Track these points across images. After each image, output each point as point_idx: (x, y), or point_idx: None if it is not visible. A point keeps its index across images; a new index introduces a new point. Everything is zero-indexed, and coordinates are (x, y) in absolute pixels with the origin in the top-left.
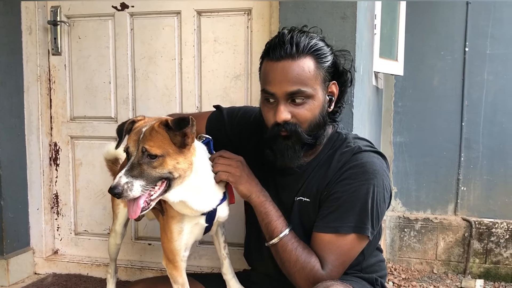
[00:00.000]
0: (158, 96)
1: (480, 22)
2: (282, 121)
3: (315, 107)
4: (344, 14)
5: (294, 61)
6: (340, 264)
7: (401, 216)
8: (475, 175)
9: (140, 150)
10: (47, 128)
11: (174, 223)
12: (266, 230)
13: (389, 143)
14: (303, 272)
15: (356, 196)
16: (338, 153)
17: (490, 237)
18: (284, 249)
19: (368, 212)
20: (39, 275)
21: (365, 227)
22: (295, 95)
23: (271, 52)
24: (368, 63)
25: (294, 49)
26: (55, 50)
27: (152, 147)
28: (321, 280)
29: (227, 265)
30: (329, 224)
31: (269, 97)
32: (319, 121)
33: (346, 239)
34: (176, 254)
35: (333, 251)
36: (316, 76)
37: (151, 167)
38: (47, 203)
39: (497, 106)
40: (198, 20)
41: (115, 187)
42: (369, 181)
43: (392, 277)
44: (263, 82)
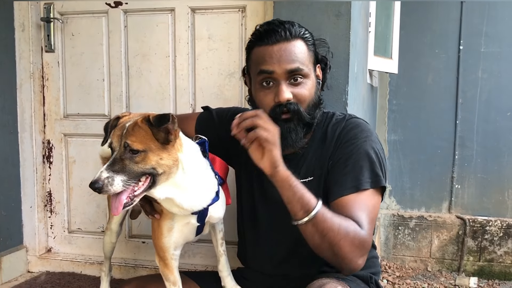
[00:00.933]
0: (152, 93)
1: (475, 20)
2: (286, 100)
3: (311, 86)
4: (338, 11)
5: (289, 42)
6: (371, 220)
7: (396, 214)
8: (469, 173)
9: (123, 145)
10: (40, 125)
11: (164, 220)
12: (299, 205)
13: (384, 141)
14: (349, 237)
15: (362, 153)
16: (330, 126)
17: (484, 235)
18: (324, 219)
19: (377, 164)
20: (32, 273)
21: (380, 179)
22: (295, 73)
23: (265, 38)
24: (363, 61)
25: (287, 32)
26: (48, 47)
27: (134, 142)
28: (365, 241)
29: (224, 262)
30: (347, 185)
31: (268, 77)
32: (315, 100)
33: (367, 194)
34: (166, 252)
35: (362, 208)
36: (309, 56)
37: (133, 162)
38: (40, 201)
39: (491, 104)
40: (192, 17)
41: (96, 182)
42: (369, 137)
43: (386, 275)
44: (258, 64)
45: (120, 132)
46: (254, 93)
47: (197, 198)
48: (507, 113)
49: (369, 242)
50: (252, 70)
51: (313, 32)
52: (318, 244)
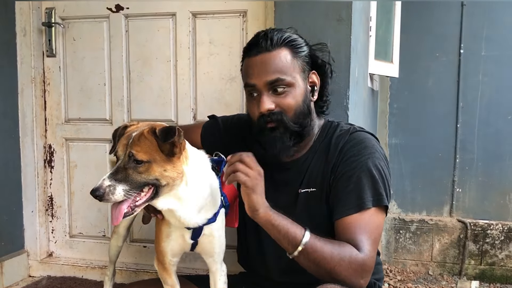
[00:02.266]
0: (153, 98)
1: (475, 23)
2: (266, 110)
3: (297, 94)
4: (339, 16)
5: (270, 53)
6: (373, 241)
7: (397, 217)
8: (470, 176)
9: (127, 154)
10: (41, 130)
11: (164, 226)
12: (285, 241)
13: (385, 145)
14: (344, 263)
15: (364, 170)
16: (334, 138)
17: (485, 239)
18: (314, 249)
19: (379, 183)
20: (34, 277)
21: (382, 198)
22: (275, 84)
23: (249, 51)
24: (364, 65)
25: (268, 42)
26: (50, 52)
27: (138, 152)
28: (364, 264)
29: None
30: (350, 205)
31: (251, 90)
32: (303, 109)
33: (369, 214)
34: (165, 256)
35: (363, 230)
36: (294, 65)
37: (136, 172)
38: (42, 205)
39: (492, 107)
40: (193, 22)
41: (97, 189)
42: (373, 154)
43: (387, 279)
44: (244, 78)
45: (126, 141)
46: (246, 103)
47: (195, 214)
48: (507, 117)
49: (369, 264)
50: (243, 80)
51: (314, 37)
52: (316, 272)
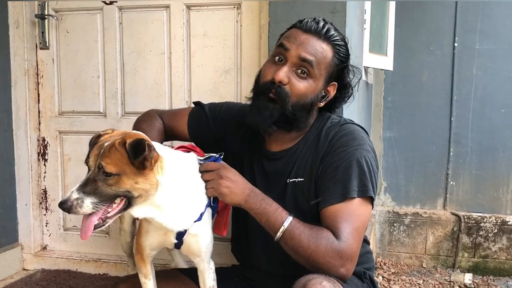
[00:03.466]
0: (147, 90)
1: (469, 17)
2: (279, 80)
3: (311, 89)
4: (333, 8)
5: (318, 39)
6: (354, 230)
7: (391, 210)
8: (464, 169)
9: (97, 166)
10: (35, 123)
11: (144, 222)
12: (268, 227)
13: (379, 138)
14: (320, 250)
15: (352, 161)
16: (324, 129)
17: (478, 231)
18: (292, 236)
19: (367, 174)
20: (28, 271)
21: (368, 188)
22: (304, 64)
23: (303, 23)
24: (358, 58)
25: (324, 30)
26: (43, 44)
27: (108, 165)
28: (341, 251)
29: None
30: (335, 194)
31: (280, 52)
32: (307, 103)
33: (354, 204)
34: (142, 249)
35: (344, 219)
36: (328, 65)
37: (106, 184)
38: (36, 198)
39: (486, 101)
40: (187, 14)
41: (64, 202)
42: (361, 146)
43: (381, 272)
44: (283, 38)
45: (98, 152)
46: (265, 62)
47: (179, 219)
48: (501, 110)
49: (347, 252)
50: (278, 41)
51: None
52: (296, 258)
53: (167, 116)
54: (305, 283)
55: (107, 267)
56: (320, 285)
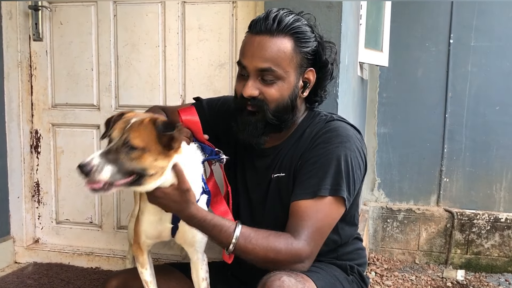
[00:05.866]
0: (141, 83)
1: (465, 14)
2: (248, 96)
3: (284, 89)
4: (330, 3)
5: (271, 38)
6: (316, 230)
7: (384, 206)
8: (457, 166)
9: (123, 138)
10: (28, 115)
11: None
12: (218, 243)
13: (373, 134)
14: (280, 256)
15: (330, 158)
16: (310, 126)
17: (471, 228)
18: (246, 249)
19: (343, 174)
20: (20, 264)
21: (341, 188)
22: (265, 73)
23: (253, 25)
24: (353, 53)
25: (275, 25)
26: (36, 36)
27: (135, 138)
28: (299, 252)
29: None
30: (307, 189)
31: (242, 69)
32: (286, 104)
33: (323, 202)
34: (141, 239)
35: (310, 217)
36: (291, 58)
37: (128, 157)
38: (28, 191)
39: (481, 98)
40: (182, 7)
41: (85, 165)
42: (343, 144)
43: (374, 267)
44: (240, 54)
45: (124, 126)
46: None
47: None
48: (496, 107)
49: (305, 252)
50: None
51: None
52: (256, 263)
53: (170, 111)
54: (266, 281)
55: (100, 261)
56: (279, 280)
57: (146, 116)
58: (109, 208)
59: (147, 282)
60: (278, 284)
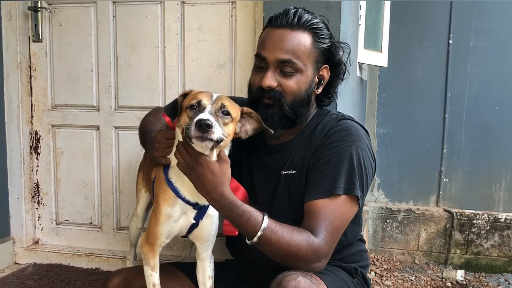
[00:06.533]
0: (141, 84)
1: (464, 14)
2: (267, 86)
3: (302, 82)
4: (329, 4)
5: (292, 31)
6: (334, 228)
7: (384, 207)
8: (457, 166)
9: (219, 104)
10: (27, 116)
11: (165, 207)
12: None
13: (373, 134)
14: (300, 252)
15: (343, 157)
16: (321, 124)
17: (471, 228)
18: (270, 241)
19: (356, 173)
20: (20, 265)
21: (355, 187)
22: (285, 64)
23: (273, 20)
24: (353, 54)
25: (295, 20)
26: (36, 37)
27: (230, 106)
28: (319, 249)
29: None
30: (322, 188)
31: (261, 61)
32: (303, 97)
33: (338, 201)
34: (158, 238)
35: (327, 216)
36: (310, 53)
37: (222, 121)
38: (28, 192)
39: (480, 98)
40: (182, 8)
41: (207, 119)
42: (355, 143)
43: (374, 268)
44: (258, 47)
45: (209, 95)
46: (251, 72)
47: None
48: (495, 108)
49: (324, 250)
50: (257, 47)
51: None
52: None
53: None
54: (281, 280)
55: (99, 262)
56: (295, 280)
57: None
58: (108, 209)
59: (155, 285)
60: (294, 284)
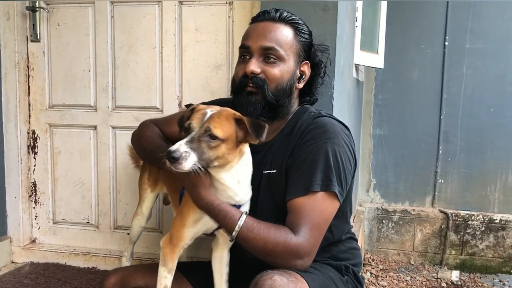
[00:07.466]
0: (138, 84)
1: (460, 16)
2: (251, 72)
3: (284, 71)
4: (325, 5)
5: (275, 23)
6: (314, 226)
7: (380, 207)
8: (452, 168)
9: (204, 128)
10: (25, 115)
11: (196, 212)
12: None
13: (369, 135)
14: (278, 249)
15: (319, 154)
16: (300, 122)
17: (466, 229)
18: (247, 238)
19: (333, 169)
20: (16, 264)
21: (332, 183)
22: (269, 51)
23: (256, 16)
24: (349, 55)
25: (277, 15)
26: (34, 37)
27: (216, 129)
28: (299, 247)
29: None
30: (300, 187)
31: (244, 52)
32: (285, 86)
33: (316, 198)
34: (182, 240)
35: (306, 214)
36: (292, 44)
37: (208, 146)
38: (25, 191)
39: (475, 100)
40: (179, 8)
41: (175, 151)
42: (331, 140)
43: (369, 268)
44: (242, 39)
45: (202, 117)
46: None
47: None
48: (490, 109)
49: (305, 247)
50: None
51: None
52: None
53: (161, 123)
54: (258, 280)
55: (96, 261)
56: (271, 279)
57: (223, 110)
58: (106, 208)
59: (166, 287)
60: (269, 283)
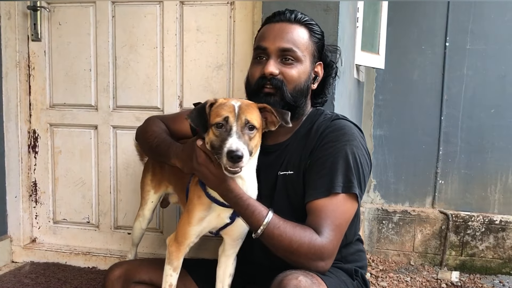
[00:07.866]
0: (139, 84)
1: (461, 17)
2: (269, 73)
3: (301, 72)
4: (327, 6)
5: (291, 24)
6: (336, 227)
7: (380, 208)
8: (453, 168)
9: (242, 120)
10: (26, 115)
11: (201, 210)
12: (248, 223)
13: (369, 136)
14: (302, 249)
15: (339, 156)
16: (316, 124)
17: (466, 230)
18: (272, 235)
19: (353, 171)
20: (17, 263)
21: (353, 185)
22: (286, 53)
23: (271, 17)
24: (350, 56)
25: (292, 16)
26: (35, 36)
27: (253, 119)
28: (323, 248)
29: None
30: (321, 188)
31: (261, 53)
32: (303, 87)
33: (338, 200)
34: (187, 238)
35: (328, 215)
36: (307, 45)
37: (249, 138)
38: (25, 191)
39: (476, 101)
40: (181, 8)
41: (238, 150)
42: (350, 142)
43: (370, 268)
44: (257, 40)
45: (233, 109)
46: (249, 67)
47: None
48: (491, 110)
49: (328, 249)
50: (255, 43)
51: None
52: (278, 253)
53: (168, 120)
54: (282, 278)
55: (97, 261)
56: (296, 280)
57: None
58: (106, 208)
59: (171, 286)
60: (295, 283)
